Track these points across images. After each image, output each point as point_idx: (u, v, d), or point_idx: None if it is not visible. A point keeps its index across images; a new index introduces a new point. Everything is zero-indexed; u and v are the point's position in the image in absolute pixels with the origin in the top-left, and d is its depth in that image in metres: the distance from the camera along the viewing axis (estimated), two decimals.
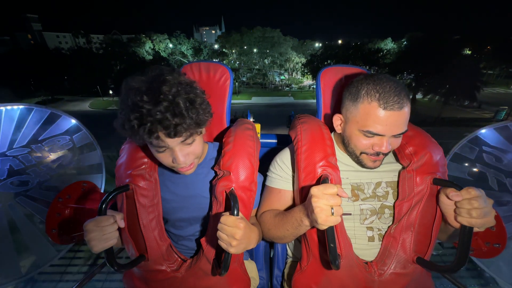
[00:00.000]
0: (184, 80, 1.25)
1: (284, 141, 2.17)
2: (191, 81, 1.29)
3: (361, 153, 1.41)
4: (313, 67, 57.92)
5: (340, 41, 54.08)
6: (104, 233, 1.20)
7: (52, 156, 1.97)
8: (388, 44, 68.50)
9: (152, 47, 58.63)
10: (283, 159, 1.63)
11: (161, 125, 1.13)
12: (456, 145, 1.94)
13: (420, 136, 1.51)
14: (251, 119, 2.05)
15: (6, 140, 1.81)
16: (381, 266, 1.39)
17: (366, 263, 1.43)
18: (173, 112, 1.13)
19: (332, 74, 1.84)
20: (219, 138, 1.70)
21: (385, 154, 1.39)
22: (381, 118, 1.26)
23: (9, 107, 1.88)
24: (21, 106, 1.93)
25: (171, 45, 68.71)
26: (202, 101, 1.27)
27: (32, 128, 1.94)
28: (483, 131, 1.86)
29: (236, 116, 2.03)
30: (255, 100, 56.72)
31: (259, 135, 1.94)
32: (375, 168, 1.46)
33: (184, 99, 1.17)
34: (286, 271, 1.78)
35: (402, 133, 1.33)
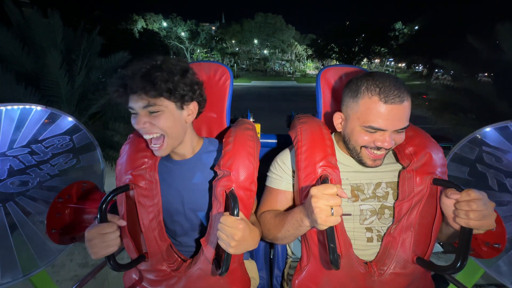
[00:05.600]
0: (181, 65, 1.43)
1: (284, 141, 2.17)
2: (187, 68, 1.46)
3: (361, 147, 1.42)
4: (319, 47, 55.78)
5: (347, 23, 52.76)
6: (106, 240, 1.22)
7: (52, 156, 1.97)
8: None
9: (145, 26, 56.63)
10: (284, 159, 1.64)
11: (126, 79, 1.30)
12: (456, 145, 1.94)
13: (420, 136, 1.51)
14: (251, 119, 2.06)
15: (6, 140, 1.80)
16: (381, 266, 1.40)
17: (366, 263, 1.44)
18: (144, 75, 1.28)
19: (332, 74, 1.85)
20: (219, 138, 1.70)
21: (387, 150, 1.40)
22: (382, 112, 1.27)
23: (9, 107, 1.88)
24: (21, 106, 1.93)
25: (165, 24, 66.25)
26: (184, 82, 1.40)
27: (32, 128, 1.93)
28: (483, 131, 1.87)
29: (236, 116, 2.04)
30: (254, 83, 54.86)
31: (259, 135, 1.95)
32: (375, 167, 1.46)
33: (161, 72, 1.31)
34: (286, 271, 1.79)
35: (404, 128, 1.33)
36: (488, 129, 1.87)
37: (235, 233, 1.16)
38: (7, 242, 1.67)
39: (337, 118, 1.51)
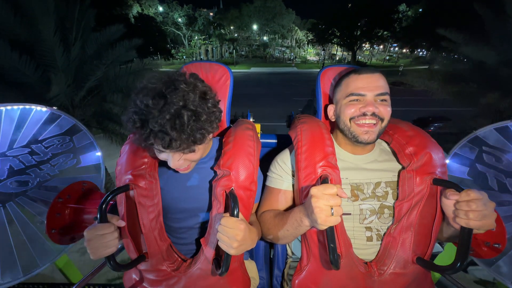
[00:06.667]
0: (198, 88, 1.25)
1: (284, 141, 2.17)
2: (205, 90, 1.29)
3: (350, 120, 1.49)
4: (320, 31, 53.98)
5: (349, 5, 51.59)
6: (104, 240, 1.22)
7: (52, 156, 1.97)
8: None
9: (140, 11, 53.36)
10: (284, 159, 1.64)
11: (157, 136, 1.14)
12: (456, 145, 1.94)
13: (420, 136, 1.51)
14: (251, 119, 2.05)
15: (6, 140, 1.81)
16: (381, 266, 1.40)
17: (366, 263, 1.44)
18: (173, 125, 1.13)
19: (332, 74, 1.85)
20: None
21: (375, 121, 1.45)
22: (357, 81, 1.48)
23: (9, 107, 1.88)
24: (21, 106, 1.93)
25: (161, 9, 64.43)
26: (210, 115, 1.27)
27: (32, 128, 1.94)
28: (483, 131, 1.87)
29: (236, 116, 2.04)
30: (254, 70, 54.11)
31: (259, 135, 1.94)
32: (369, 141, 1.47)
33: (189, 114, 1.16)
34: (286, 271, 1.79)
35: (383, 94, 1.45)
36: (488, 129, 1.86)
37: (237, 234, 1.17)
38: (7, 242, 1.68)
39: (330, 110, 1.67)
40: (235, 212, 1.21)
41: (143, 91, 1.17)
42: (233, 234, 1.16)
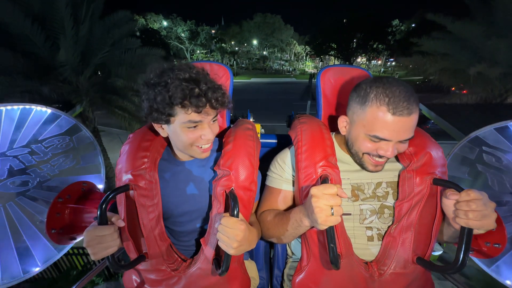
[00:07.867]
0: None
1: (284, 141, 2.17)
2: None
3: (363, 154, 1.41)
4: (317, 45, 55.64)
5: (345, 20, 52.57)
6: (104, 242, 1.21)
7: (52, 156, 1.97)
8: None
9: (145, 25, 55.41)
10: (284, 159, 1.64)
11: (206, 98, 1.28)
12: (456, 145, 1.94)
13: (420, 136, 1.51)
14: (251, 119, 2.06)
15: (6, 140, 1.81)
16: (381, 266, 1.40)
17: (366, 263, 1.43)
18: (212, 88, 1.31)
19: (332, 74, 1.85)
20: (219, 138, 1.70)
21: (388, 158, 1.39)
22: (389, 124, 1.24)
23: (9, 107, 1.88)
24: (21, 106, 1.93)
25: (165, 23, 65.91)
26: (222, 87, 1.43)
27: (32, 128, 1.94)
28: (483, 131, 1.87)
29: (236, 116, 2.04)
30: (254, 80, 56.28)
31: (259, 135, 1.94)
32: (376, 171, 1.46)
33: (211, 82, 1.35)
34: (286, 271, 1.78)
35: (409, 139, 1.31)
36: (488, 129, 1.86)
37: (237, 234, 1.17)
38: (7, 241, 1.67)
39: (342, 122, 1.48)
40: (235, 212, 1.21)
41: (167, 72, 1.29)
42: (233, 234, 1.16)
